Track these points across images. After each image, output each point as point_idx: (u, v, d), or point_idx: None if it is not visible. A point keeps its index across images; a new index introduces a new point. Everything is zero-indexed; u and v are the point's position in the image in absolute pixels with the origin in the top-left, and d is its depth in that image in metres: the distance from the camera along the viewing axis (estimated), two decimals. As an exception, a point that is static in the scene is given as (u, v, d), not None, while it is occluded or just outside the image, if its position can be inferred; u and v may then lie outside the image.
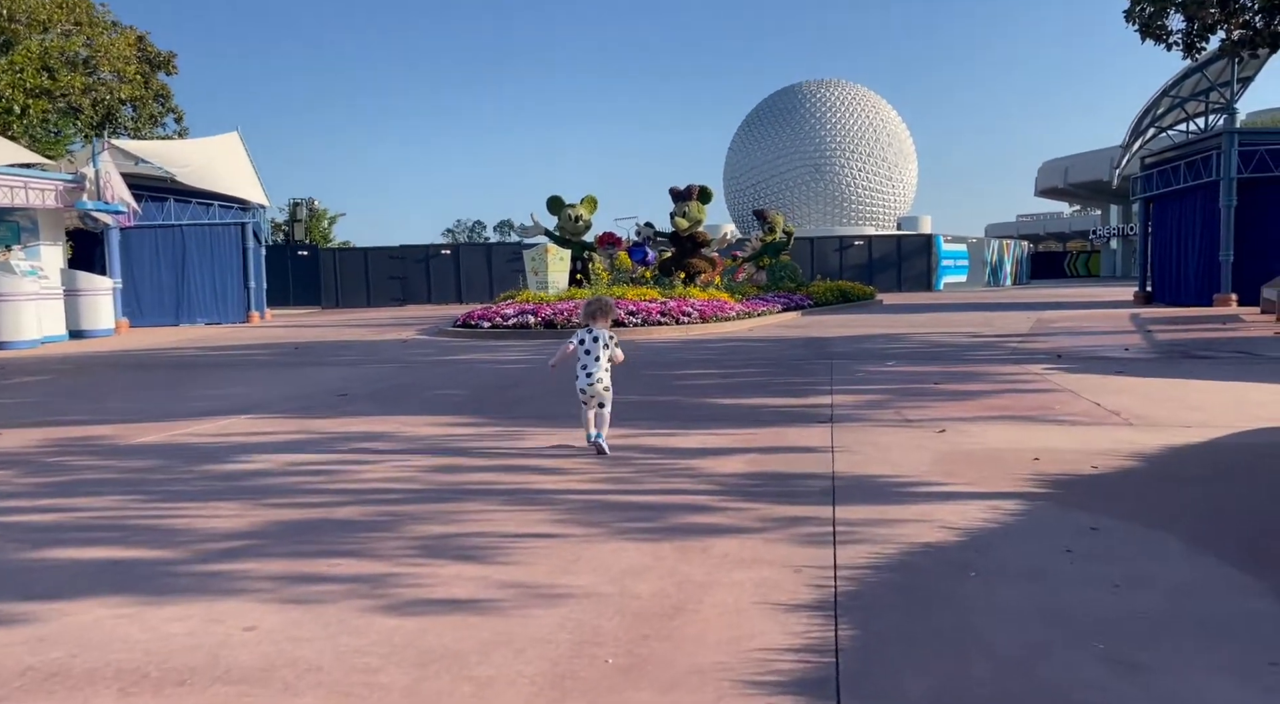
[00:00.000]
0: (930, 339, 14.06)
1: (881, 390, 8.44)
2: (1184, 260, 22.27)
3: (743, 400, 7.97)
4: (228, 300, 25.63)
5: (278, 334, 19.35)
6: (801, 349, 12.86)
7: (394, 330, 19.45)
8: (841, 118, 69.45)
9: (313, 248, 41.33)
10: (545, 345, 14.52)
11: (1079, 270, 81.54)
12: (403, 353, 13.76)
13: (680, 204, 21.40)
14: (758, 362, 11.32)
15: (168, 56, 28.48)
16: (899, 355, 11.63)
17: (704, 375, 9.98)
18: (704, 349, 13.32)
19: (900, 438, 6.07)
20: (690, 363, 11.24)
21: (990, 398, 7.81)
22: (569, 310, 16.75)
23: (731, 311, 18.23)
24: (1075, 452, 5.51)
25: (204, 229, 24.74)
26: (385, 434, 6.37)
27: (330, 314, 32.51)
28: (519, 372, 10.82)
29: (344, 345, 15.54)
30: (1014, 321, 17.43)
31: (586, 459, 5.47)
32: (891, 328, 16.63)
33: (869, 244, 43.18)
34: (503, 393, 8.80)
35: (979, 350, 12.17)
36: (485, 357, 12.85)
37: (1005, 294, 35.86)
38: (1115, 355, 11.20)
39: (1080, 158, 68.84)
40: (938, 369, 9.99)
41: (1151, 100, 22.20)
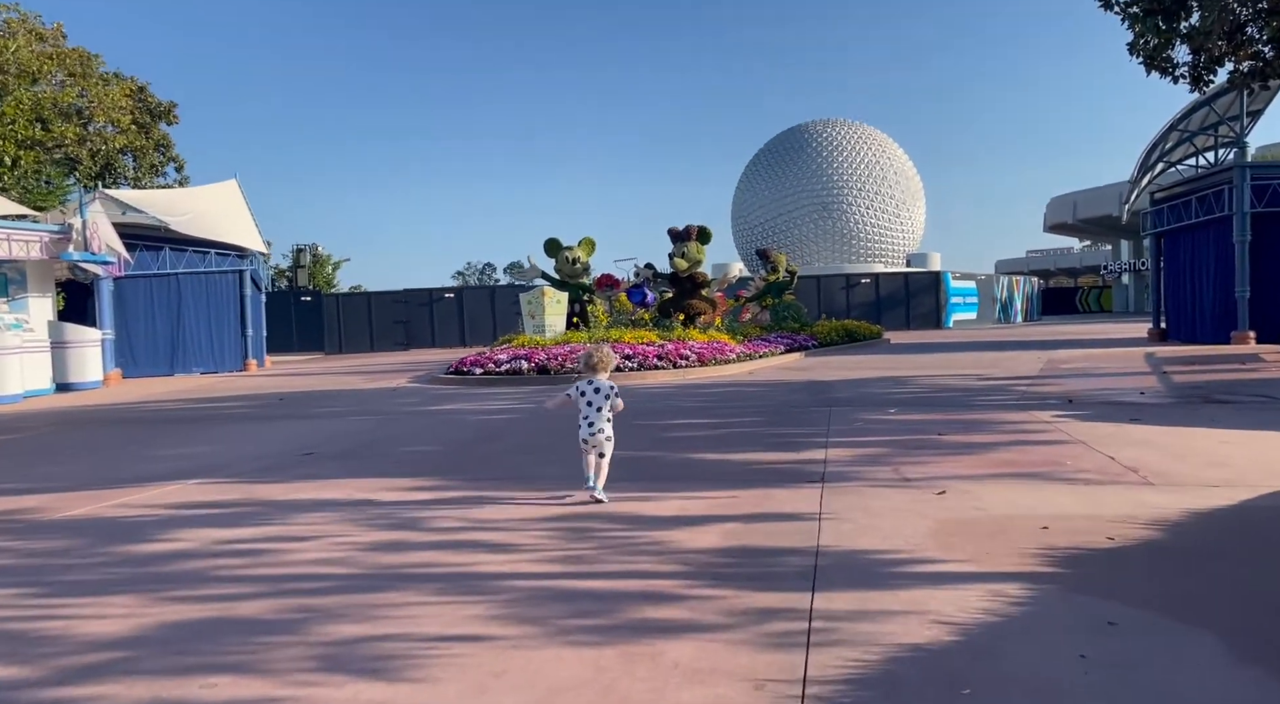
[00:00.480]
0: (936, 382, 13.51)
1: (880, 443, 7.90)
2: (1199, 297, 21.69)
3: (731, 455, 7.44)
4: (224, 349, 25.32)
5: (270, 383, 18.96)
6: (800, 395, 12.34)
7: (388, 378, 19.03)
8: (848, 156, 69.59)
9: (316, 293, 41.22)
10: (536, 392, 14.06)
11: (1091, 306, 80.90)
12: (389, 403, 13.30)
13: (679, 244, 21.04)
14: (753, 409, 10.79)
15: (168, 106, 28.58)
16: (901, 401, 11.09)
17: (694, 426, 9.46)
18: (699, 395, 12.81)
19: (896, 501, 5.53)
20: (682, 411, 10.72)
21: (996, 451, 7.26)
22: (563, 355, 16.30)
23: (731, 354, 17.74)
24: (1088, 518, 4.96)
25: (200, 277, 24.50)
26: (335, 503, 5.87)
27: (332, 360, 32.19)
28: (501, 423, 10.33)
29: (331, 395, 15.10)
30: (1023, 362, 16.85)
31: (544, 532, 4.95)
32: (896, 370, 16.08)
33: (876, 282, 42.74)
34: (477, 449, 8.30)
35: (986, 395, 11.61)
36: (472, 406, 12.37)
37: (1015, 332, 35.26)
38: (1130, 400, 10.62)
39: (1089, 193, 68.49)
40: (941, 417, 9.44)
41: (1159, 135, 21.82)
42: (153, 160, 28.82)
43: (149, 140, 28.43)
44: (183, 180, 30.46)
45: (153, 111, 28.18)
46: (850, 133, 71.05)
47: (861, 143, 70.33)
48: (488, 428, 9.93)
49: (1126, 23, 13.24)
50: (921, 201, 73.34)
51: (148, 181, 28.84)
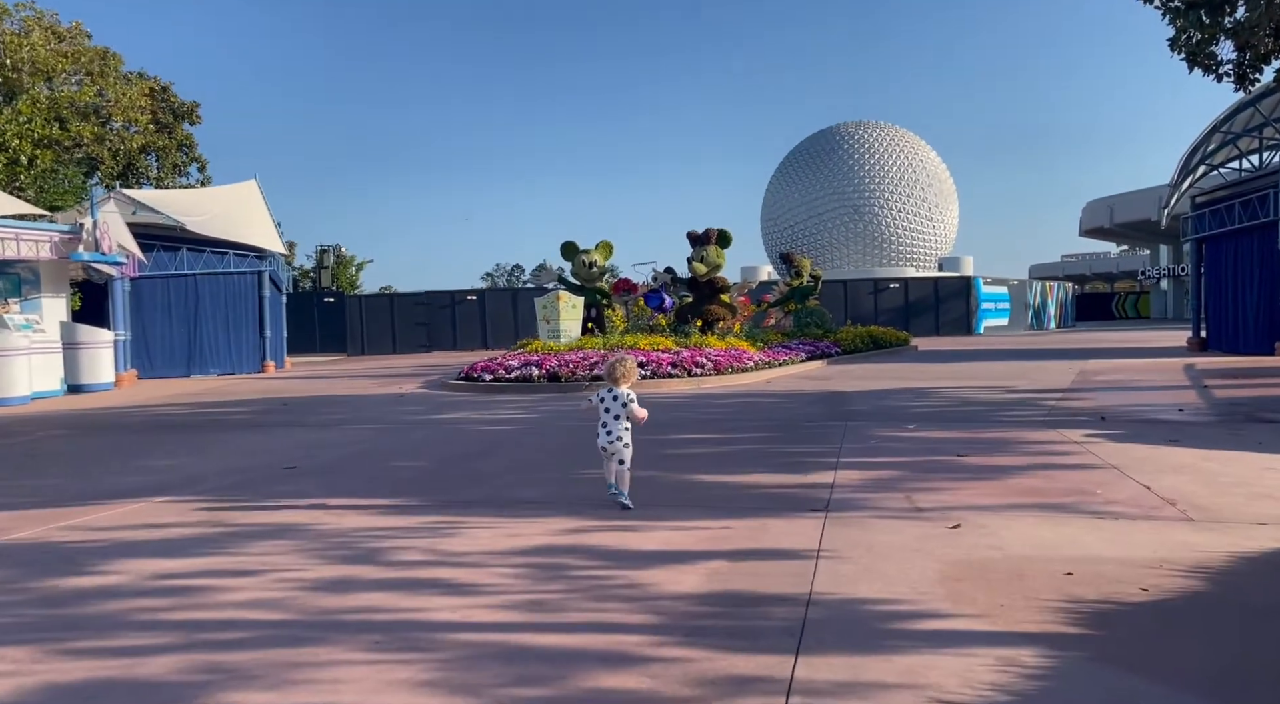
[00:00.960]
0: (960, 395, 12.90)
1: (894, 464, 7.37)
2: (1241, 306, 20.79)
3: (733, 477, 6.95)
4: (242, 351, 25.24)
5: (281, 387, 18.73)
6: (816, 407, 11.80)
7: (399, 382, 18.72)
8: (880, 159, 68.69)
9: (339, 294, 41.21)
10: (544, 400, 13.64)
11: (1127, 312, 79.12)
12: (391, 411, 12.95)
13: (698, 248, 20.53)
14: (765, 423, 10.28)
15: (191, 106, 28.60)
16: (922, 416, 10.51)
17: (699, 441, 8.97)
18: (711, 406, 12.31)
19: (905, 536, 5.02)
20: (689, 424, 10.23)
21: (1019, 476, 6.70)
22: (575, 362, 15.87)
23: (749, 362, 17.21)
24: (1120, 562, 4.42)
25: (218, 278, 24.42)
26: (296, 528, 5.46)
27: (352, 362, 32.06)
28: (501, 436, 9.91)
29: (336, 401, 14.79)
30: (1055, 373, 16.16)
31: (512, 569, 4.49)
32: (920, 380, 15.47)
33: (905, 286, 41.91)
34: (467, 465, 7.88)
35: (1012, 409, 10.99)
36: (475, 415, 11.97)
37: (1048, 339, 34.32)
38: (1168, 417, 9.97)
39: (1126, 197, 66.97)
40: (962, 435, 8.87)
41: (1201, 136, 20.96)
42: (175, 160, 28.85)
43: (171, 140, 28.43)
44: (205, 180, 30.48)
45: (175, 111, 28.20)
46: (882, 135, 70.09)
47: (894, 145, 69.35)
48: (485, 441, 9.51)
49: (1167, 17, 12.56)
50: (954, 204, 72.20)
51: (170, 182, 28.87)
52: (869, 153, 69.10)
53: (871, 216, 67.85)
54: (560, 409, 12.53)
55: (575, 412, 11.97)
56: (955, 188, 72.33)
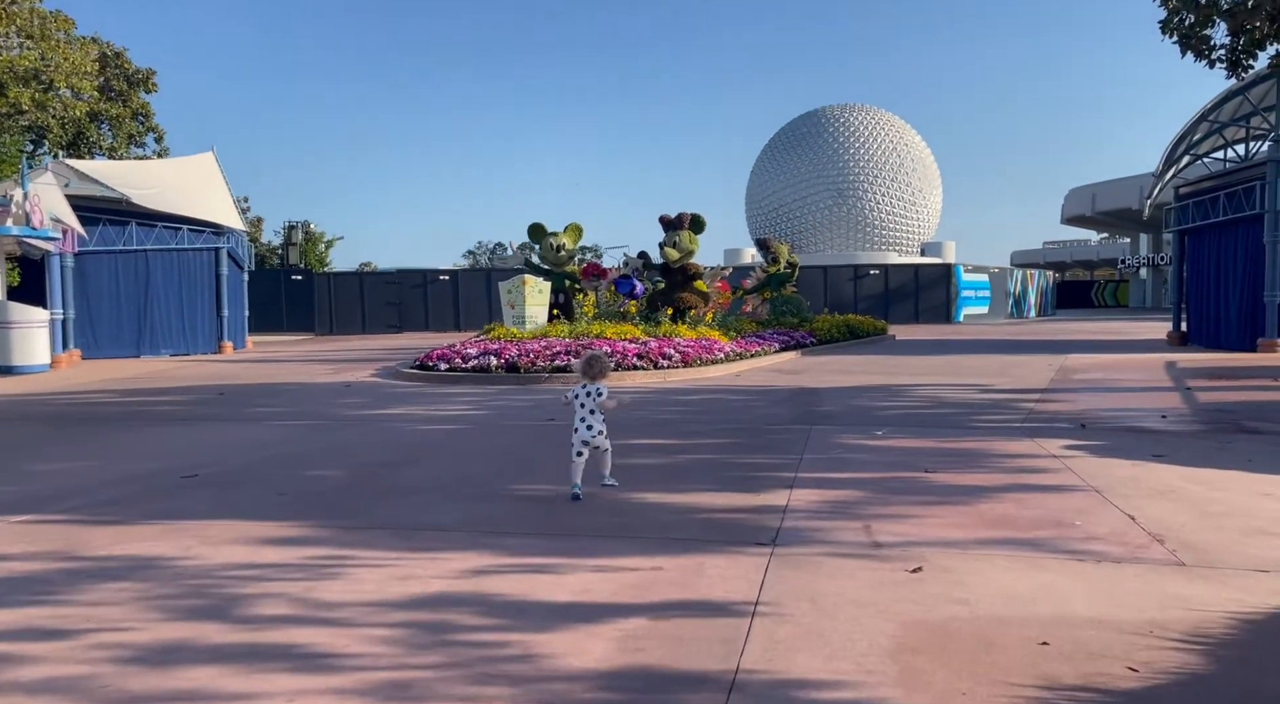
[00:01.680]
0: (934, 395, 12.28)
1: (857, 481, 6.71)
2: (1224, 300, 20.32)
3: (679, 495, 6.27)
4: (197, 330, 24.29)
5: (229, 372, 17.88)
6: (783, 407, 11.14)
7: (353, 369, 17.92)
8: (865, 142, 68.06)
9: (307, 272, 40.13)
10: (499, 394, 12.91)
11: (1107, 300, 79.19)
12: (333, 403, 12.17)
13: (670, 233, 19.77)
14: (726, 425, 9.61)
15: (146, 73, 27.40)
16: (892, 420, 9.87)
17: (650, 449, 8.28)
18: (673, 404, 11.63)
19: (858, 582, 4.36)
20: (646, 426, 9.54)
21: (991, 500, 6.05)
22: (537, 352, 15.12)
23: (720, 353, 16.53)
24: (1103, 626, 3.77)
25: (171, 255, 23.42)
26: (157, 563, 4.72)
27: (317, 343, 31.14)
28: (440, 437, 9.18)
29: (277, 390, 13.98)
30: (1034, 370, 15.59)
31: (388, 629, 3.78)
32: (895, 376, 14.85)
33: (885, 273, 41.35)
34: (389, 476, 7.15)
35: (988, 413, 10.38)
36: (419, 411, 11.22)
37: (1028, 329, 33.89)
38: (1151, 425, 9.38)
39: (1109, 185, 66.71)
40: (933, 444, 8.23)
41: (1188, 125, 20.38)
42: (130, 130, 27.66)
43: (126, 108, 27.24)
44: (163, 151, 29.36)
45: (129, 79, 27.00)
46: (868, 118, 69.38)
47: (879, 128, 68.69)
48: (419, 444, 8.77)
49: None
50: (938, 189, 71.81)
51: (124, 152, 27.74)
52: (854, 136, 68.43)
53: (855, 200, 67.31)
54: (514, 404, 11.81)
55: (528, 407, 11.26)
56: (939, 173, 71.84)
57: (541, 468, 7.35)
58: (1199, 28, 11.35)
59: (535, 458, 7.87)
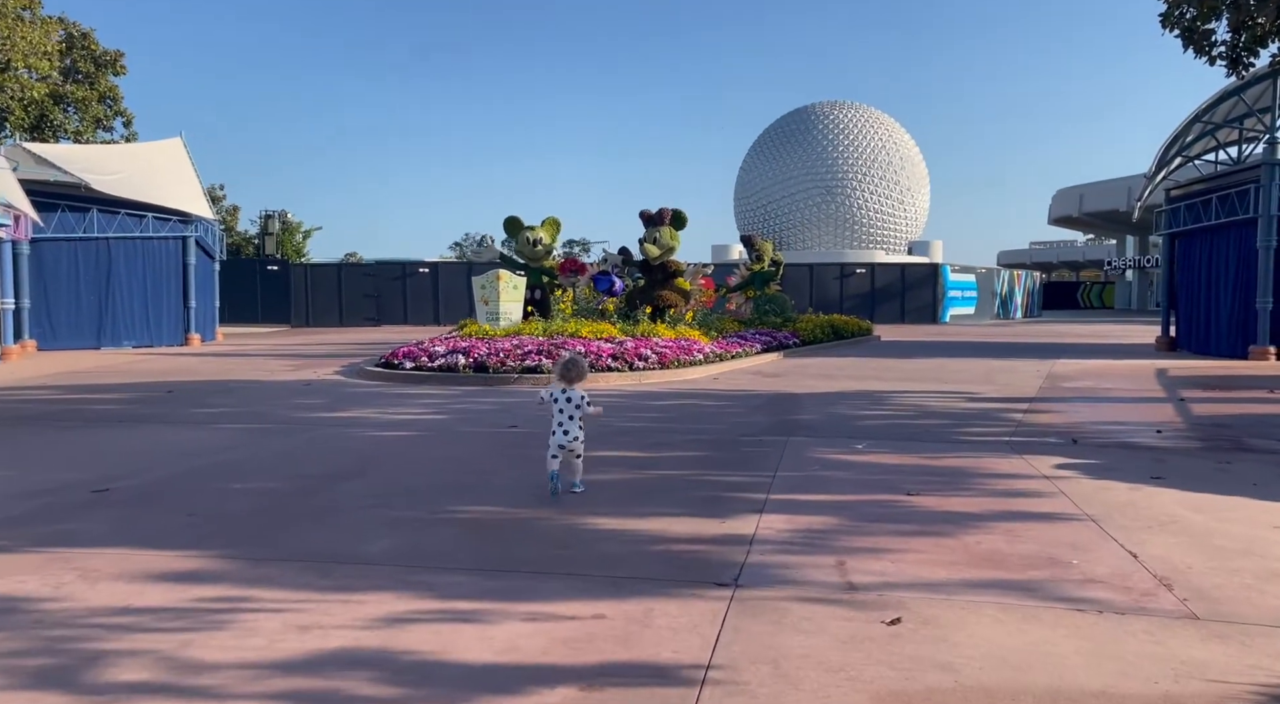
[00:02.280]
0: (919, 403, 11.75)
1: (833, 505, 6.15)
2: (1215, 305, 19.90)
3: (637, 521, 5.69)
4: (162, 321, 23.54)
5: (187, 366, 17.18)
6: (760, 414, 10.57)
7: (318, 365, 17.25)
8: (855, 140, 67.67)
9: (283, 263, 39.29)
10: (464, 395, 12.29)
11: (1092, 302, 79.26)
12: (285, 404, 11.53)
13: (651, 229, 19.15)
14: (697, 436, 9.03)
15: (114, 55, 26.50)
16: (873, 431, 9.32)
17: (615, 462, 7.70)
18: (645, 409, 11.05)
19: (827, 639, 3.79)
20: (612, 435, 8.95)
21: (978, 530, 5.50)
22: (508, 351, 14.50)
23: (699, 355, 15.96)
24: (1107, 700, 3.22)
25: (135, 243, 22.64)
26: (20, 605, 4.09)
27: (290, 336, 30.40)
28: (391, 445, 8.56)
29: (231, 388, 13.30)
30: (1022, 376, 15.09)
31: (259, 699, 3.18)
32: (879, 381, 14.32)
33: (871, 272, 40.90)
34: (323, 493, 6.53)
35: (974, 424, 9.85)
36: (376, 414, 10.59)
37: (1015, 331, 33.50)
38: (1145, 440, 8.86)
39: (1096, 186, 66.57)
40: (916, 461, 7.69)
41: (1181, 126, 19.92)
42: (97, 113, 26.77)
43: (93, 91, 26.37)
44: (131, 136, 28.51)
45: (97, 60, 26.12)
46: (857, 115, 68.99)
47: (868, 126, 68.33)
48: (367, 453, 8.16)
49: (1160, -11, 11.35)
50: (926, 188, 71.52)
51: (90, 136, 26.87)
52: (843, 133, 68.04)
53: (844, 198, 66.93)
54: (478, 407, 11.20)
55: (493, 411, 10.65)
56: (927, 171, 71.52)
57: (493, 484, 6.77)
58: (1201, 22, 10.84)
59: (488, 471, 7.29)
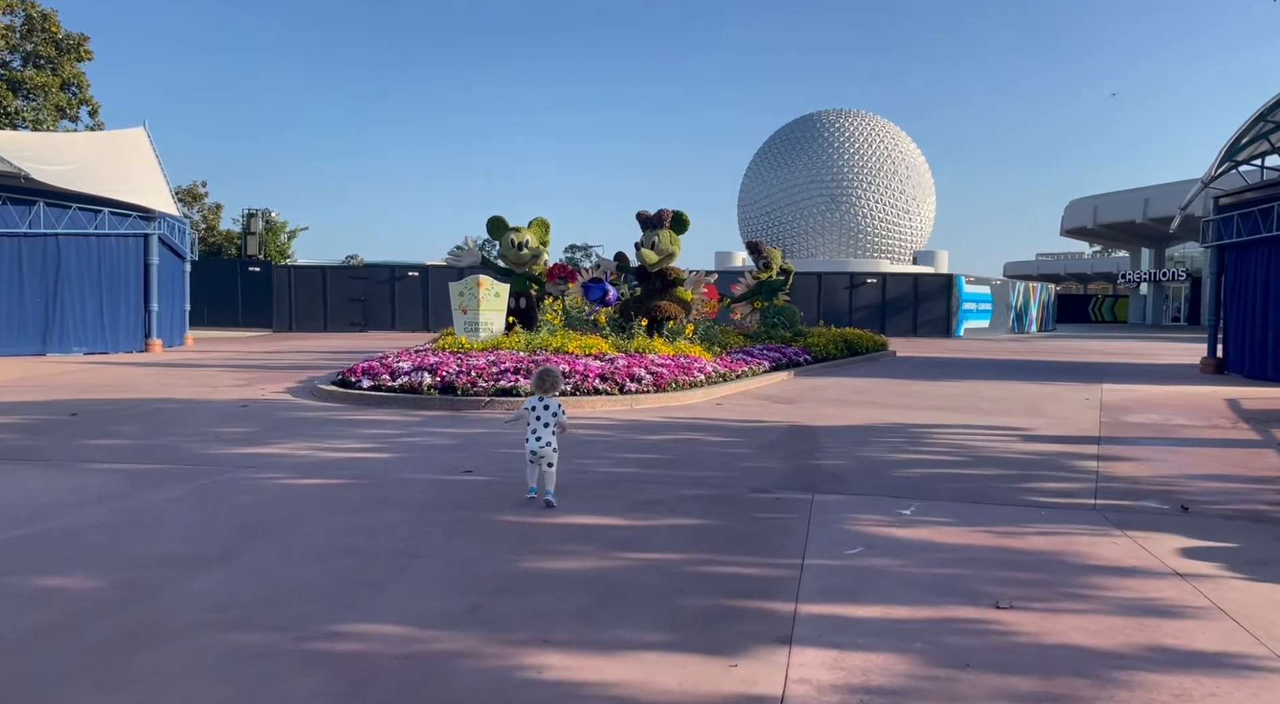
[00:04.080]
0: (964, 442, 9.81)
1: (894, 627, 4.22)
2: (1271, 325, 17.95)
3: (600, 665, 3.76)
4: (119, 326, 21.66)
5: (124, 378, 15.28)
6: (776, 456, 8.63)
7: (274, 379, 15.34)
8: (860, 148, 66.09)
9: (265, 263, 37.43)
10: (422, 424, 10.35)
11: (1104, 315, 77.37)
12: (199, 435, 9.59)
13: (649, 232, 17.23)
14: (696, 491, 7.09)
15: (78, 38, 24.67)
16: (919, 483, 7.37)
17: (581, 535, 5.76)
18: (632, 448, 9.12)
19: None
20: (587, 491, 7.02)
21: (1125, 687, 3.56)
22: (480, 369, 12.58)
23: (700, 374, 14.04)
24: None
25: (89, 240, 20.77)
26: None
27: (269, 342, 28.50)
28: (301, 502, 6.62)
29: (151, 410, 11.37)
30: (1071, 406, 13.15)
31: None
32: (908, 409, 12.38)
33: (883, 282, 39.00)
34: (154, 597, 4.61)
35: (1041, 476, 7.91)
36: (308, 450, 8.66)
37: (1036, 347, 31.53)
38: (1273, 505, 6.92)
39: (1111, 197, 64.71)
40: (989, 539, 5.75)
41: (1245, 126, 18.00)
42: (59, 101, 24.90)
43: (55, 77, 24.49)
44: (97, 127, 26.59)
45: (59, 44, 24.26)
46: (863, 124, 67.46)
47: (874, 135, 66.79)
48: (263, 515, 6.22)
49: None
50: (932, 198, 69.85)
51: (51, 126, 24.97)
52: (849, 142, 66.51)
53: (849, 206, 65.31)
54: (434, 441, 9.27)
55: (450, 448, 8.71)
56: (933, 181, 69.90)
57: (410, 580, 4.84)
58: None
59: (413, 551, 5.36)
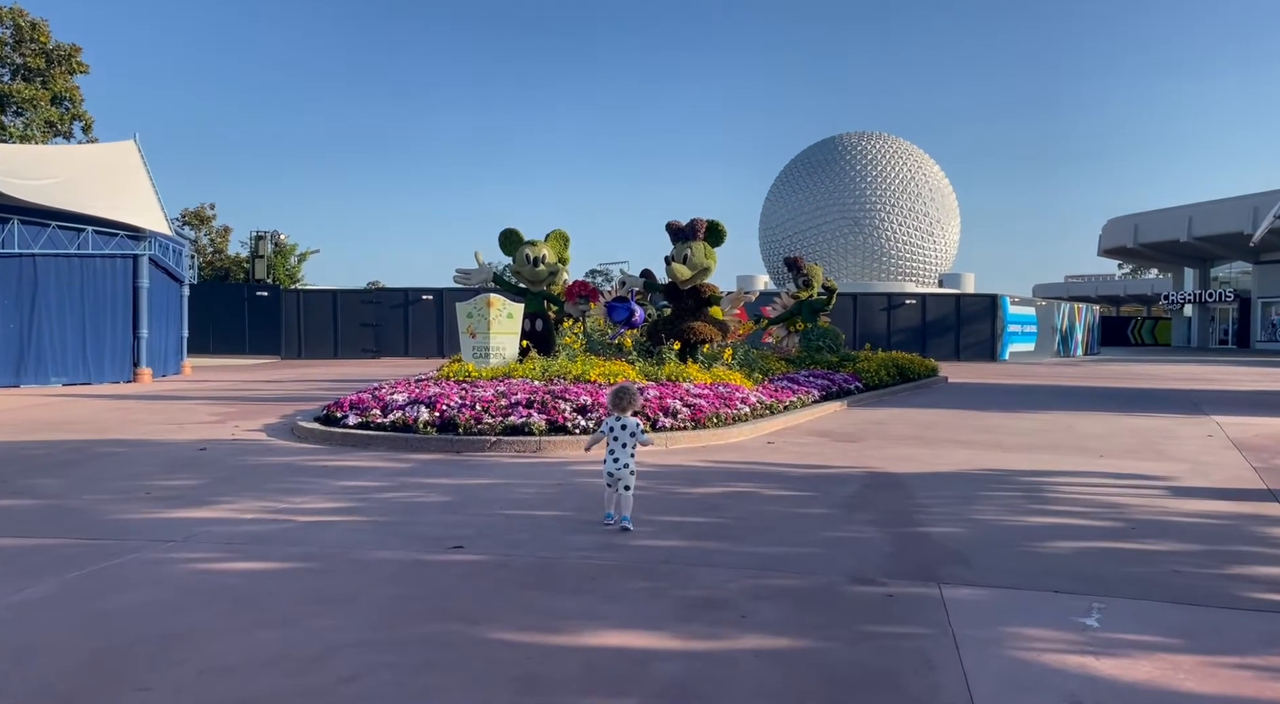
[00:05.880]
0: (1098, 497, 7.70)
1: None
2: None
3: None
4: (104, 354, 19.98)
5: (82, 415, 13.49)
6: (861, 521, 6.59)
7: (256, 414, 13.50)
8: (883, 171, 64.56)
9: (273, 288, 35.89)
10: (413, 470, 8.33)
11: (1144, 338, 74.55)
12: (134, 490, 7.68)
13: (680, 245, 15.27)
14: (766, 579, 5.06)
15: (69, 50, 23.26)
16: (1084, 572, 5.30)
17: (611, 676, 3.76)
18: (670, 507, 7.09)
19: None
20: (611, 579, 5.02)
21: None
22: (487, 401, 10.63)
23: (744, 406, 12.03)
24: None
25: (69, 261, 19.15)
26: None
27: (274, 370, 26.80)
28: (217, 605, 4.66)
29: (94, 453, 9.49)
30: (1194, 443, 11.01)
31: None
32: (1000, 449, 10.29)
33: (922, 303, 36.86)
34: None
35: (1241, 552, 5.81)
36: (253, 513, 6.72)
37: (1095, 372, 29.21)
38: None
39: (1153, 215, 62.29)
40: (1235, 685, 3.69)
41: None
42: (49, 115, 23.46)
43: (45, 90, 23.06)
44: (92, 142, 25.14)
45: (49, 55, 22.86)
46: (885, 146, 65.98)
47: (896, 157, 65.29)
48: (151, 636, 4.27)
49: None
50: (956, 220, 68.03)
51: (41, 142, 23.50)
52: (871, 164, 65.08)
53: (871, 229, 63.66)
54: (422, 498, 7.30)
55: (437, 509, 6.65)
56: (958, 203, 68.04)
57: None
58: None
59: (350, 698, 3.37)
